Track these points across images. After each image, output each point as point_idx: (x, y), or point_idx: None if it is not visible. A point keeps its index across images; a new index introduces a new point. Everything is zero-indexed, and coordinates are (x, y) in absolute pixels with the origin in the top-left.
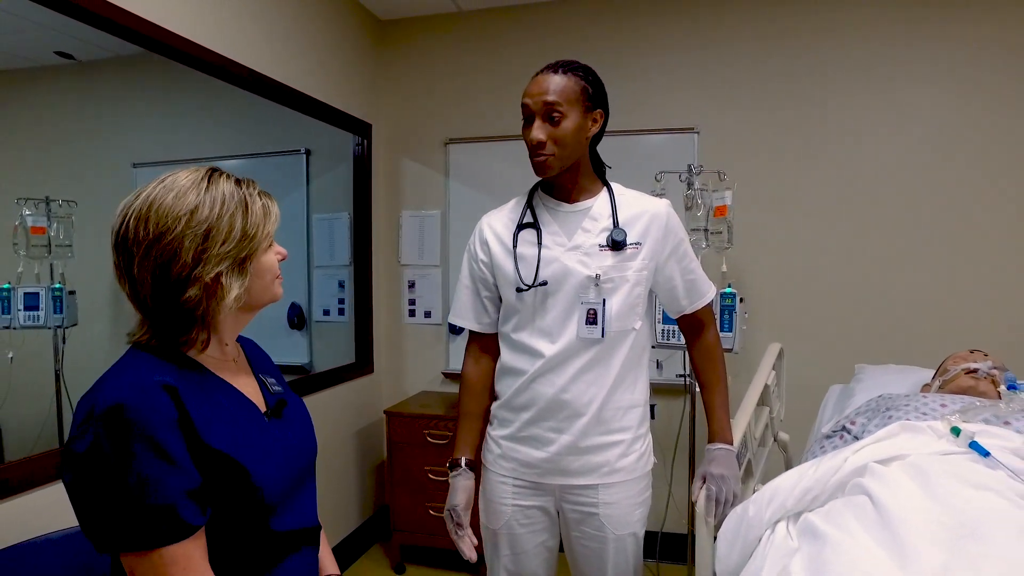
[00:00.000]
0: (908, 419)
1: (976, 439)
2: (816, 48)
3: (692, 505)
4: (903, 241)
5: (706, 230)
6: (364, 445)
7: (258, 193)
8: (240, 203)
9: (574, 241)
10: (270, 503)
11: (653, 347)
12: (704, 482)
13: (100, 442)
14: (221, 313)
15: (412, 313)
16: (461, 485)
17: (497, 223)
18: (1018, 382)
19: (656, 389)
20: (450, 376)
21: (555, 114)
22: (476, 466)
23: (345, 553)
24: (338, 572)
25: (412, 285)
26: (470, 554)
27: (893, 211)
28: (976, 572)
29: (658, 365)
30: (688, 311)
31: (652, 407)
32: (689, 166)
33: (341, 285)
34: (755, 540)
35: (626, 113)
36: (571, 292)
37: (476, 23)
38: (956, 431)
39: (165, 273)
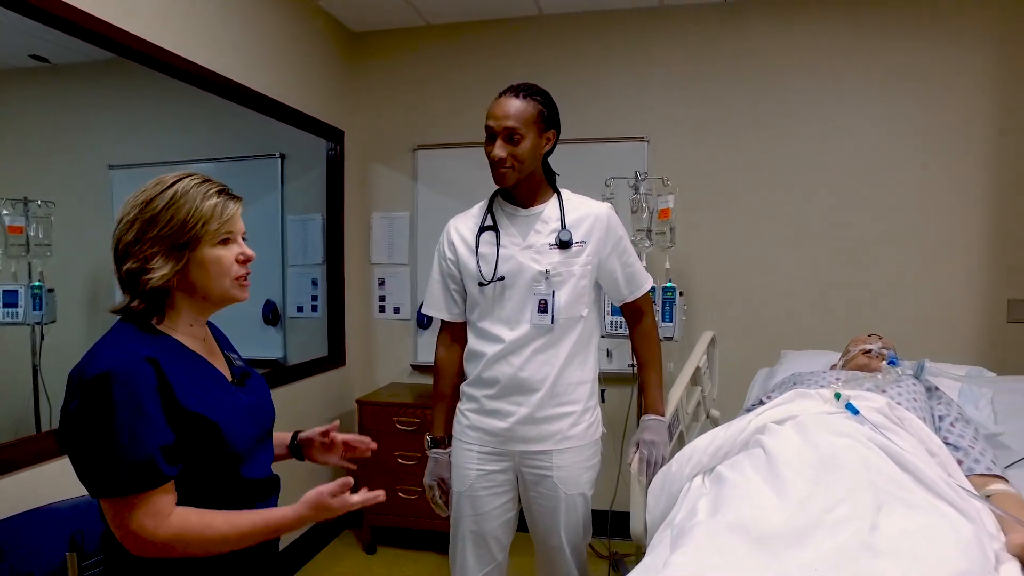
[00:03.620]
0: (814, 389)
1: (851, 401)
2: (755, 67)
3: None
4: (824, 241)
5: (650, 231)
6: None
7: (218, 193)
8: (190, 199)
9: (528, 241)
10: (240, 453)
11: (603, 337)
12: (638, 447)
13: (89, 403)
14: (178, 298)
15: (382, 309)
16: (443, 459)
17: (462, 226)
18: (896, 359)
19: (607, 377)
20: (418, 368)
21: (515, 136)
22: (450, 441)
23: (318, 538)
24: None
25: (382, 283)
26: (448, 511)
27: (816, 215)
28: (829, 492)
29: (608, 354)
30: (628, 300)
31: (602, 392)
32: (636, 173)
33: (314, 283)
34: (678, 492)
35: (582, 123)
36: (525, 285)
37: (442, 36)
38: (838, 396)
39: (116, 246)
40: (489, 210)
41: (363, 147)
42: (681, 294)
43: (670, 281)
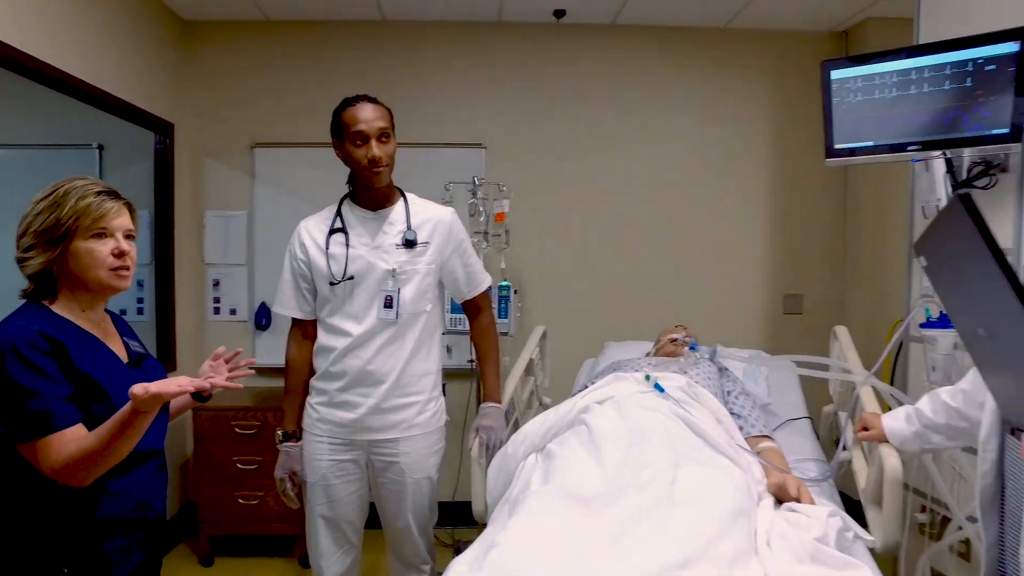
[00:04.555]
0: (630, 373)
1: (658, 382)
2: (582, 82)
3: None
4: (641, 243)
5: (487, 233)
6: (167, 442)
7: (97, 194)
8: (69, 199)
9: (376, 242)
10: None
11: (444, 333)
12: (477, 433)
13: None
14: (66, 285)
15: (217, 311)
16: (295, 452)
17: (313, 227)
18: (696, 346)
19: (447, 372)
20: (258, 370)
21: (384, 136)
22: (301, 435)
23: None
24: None
25: (217, 284)
26: (299, 504)
27: (635, 219)
28: (639, 457)
29: (448, 350)
30: (468, 297)
31: (444, 385)
32: (474, 178)
33: (140, 284)
34: (514, 470)
35: (423, 128)
36: (373, 283)
37: (283, 33)
38: (648, 377)
39: (16, 239)
40: (338, 213)
41: (196, 142)
42: (515, 292)
43: (505, 280)
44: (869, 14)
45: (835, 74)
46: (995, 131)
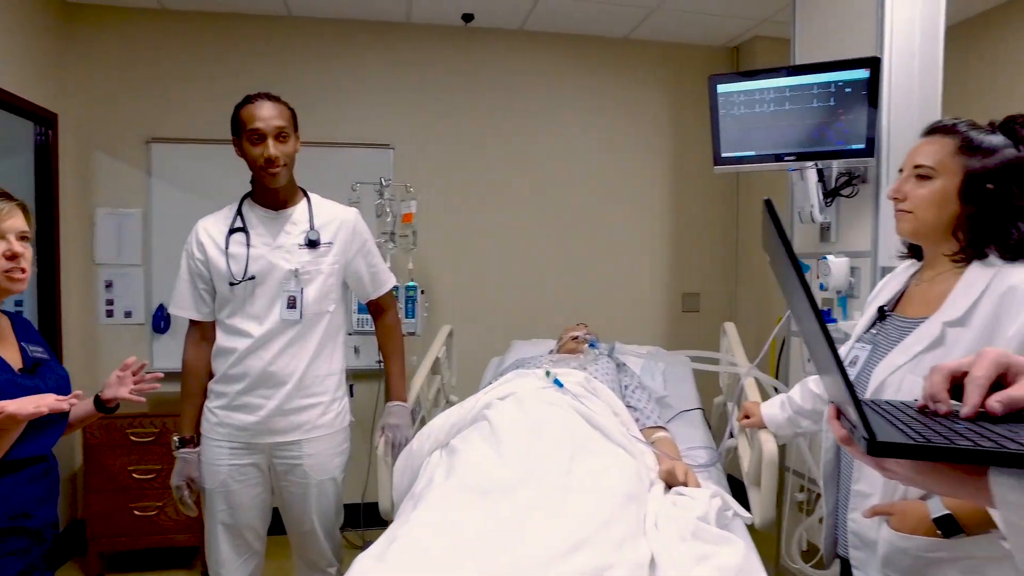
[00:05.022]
0: (532, 370)
1: (558, 378)
2: (489, 86)
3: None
4: (547, 243)
5: (393, 234)
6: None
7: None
8: None
9: (278, 242)
10: None
11: (351, 334)
12: (384, 431)
13: None
14: None
15: (110, 313)
16: (192, 458)
17: (211, 227)
18: (596, 343)
19: (355, 373)
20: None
21: (282, 136)
22: (199, 440)
23: None
24: None
25: (109, 285)
26: (197, 511)
27: (540, 221)
28: (537, 449)
29: (356, 351)
30: (373, 297)
31: (351, 387)
32: (381, 179)
33: None
34: (419, 467)
35: (331, 127)
36: (275, 283)
37: (180, 23)
38: (548, 374)
39: None
40: (239, 212)
41: (84, 135)
42: (422, 292)
43: (412, 280)
44: (756, 33)
45: (721, 88)
46: (853, 146)
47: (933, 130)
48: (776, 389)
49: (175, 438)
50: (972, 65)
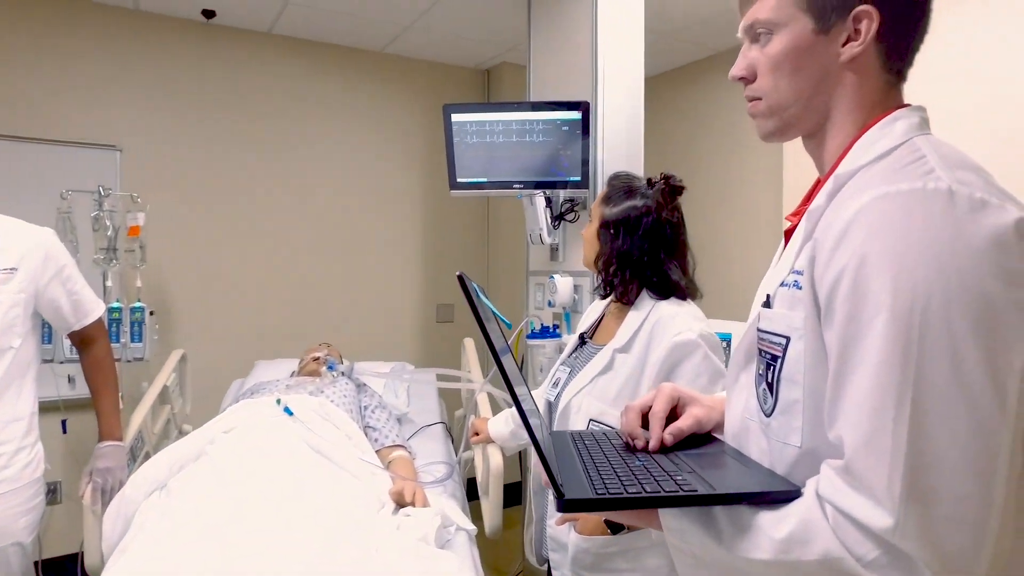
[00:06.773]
0: (265, 397)
1: (287, 405)
2: (234, 88)
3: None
4: (293, 257)
5: (114, 249)
6: None
7: None
8: None
9: None
10: None
11: (63, 363)
12: (91, 477)
13: None
14: None
15: None
16: None
17: None
18: (335, 364)
19: (70, 405)
20: None
21: None
22: None
23: None
24: None
25: None
26: None
27: (287, 234)
28: (261, 481)
29: (70, 380)
30: (77, 328)
31: (64, 422)
32: (100, 188)
33: None
34: (134, 514)
35: (35, 117)
36: None
37: None
38: (279, 401)
39: None
40: None
41: None
42: (152, 313)
43: (139, 301)
44: (504, 59)
45: (455, 117)
46: (572, 178)
47: None
48: (507, 403)
49: None
50: (671, 112)
